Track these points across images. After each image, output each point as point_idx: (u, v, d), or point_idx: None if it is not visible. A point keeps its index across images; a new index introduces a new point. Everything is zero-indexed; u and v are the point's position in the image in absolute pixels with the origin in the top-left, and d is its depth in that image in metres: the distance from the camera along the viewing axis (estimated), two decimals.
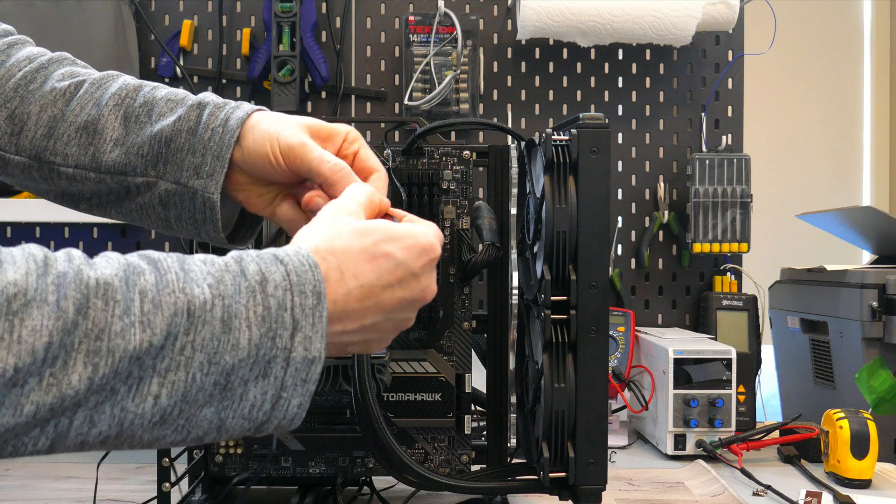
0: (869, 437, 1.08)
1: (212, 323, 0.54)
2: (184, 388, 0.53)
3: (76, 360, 0.49)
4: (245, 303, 0.55)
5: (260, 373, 0.55)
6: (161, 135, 0.75)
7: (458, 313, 0.95)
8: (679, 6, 1.46)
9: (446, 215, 0.95)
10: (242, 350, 0.55)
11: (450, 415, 0.95)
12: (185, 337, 0.53)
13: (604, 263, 0.79)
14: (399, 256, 0.62)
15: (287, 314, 0.56)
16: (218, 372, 0.54)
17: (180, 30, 1.55)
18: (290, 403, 0.57)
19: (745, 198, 1.52)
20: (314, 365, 0.57)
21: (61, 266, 0.50)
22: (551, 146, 0.80)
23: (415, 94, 1.51)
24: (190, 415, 0.54)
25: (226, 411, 0.55)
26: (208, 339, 0.53)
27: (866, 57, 2.61)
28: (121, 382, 0.51)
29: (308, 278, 0.57)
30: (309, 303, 0.57)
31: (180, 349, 0.52)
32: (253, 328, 0.55)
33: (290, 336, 0.56)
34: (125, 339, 0.50)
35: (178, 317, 0.52)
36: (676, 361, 1.24)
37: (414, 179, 0.94)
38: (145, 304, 0.52)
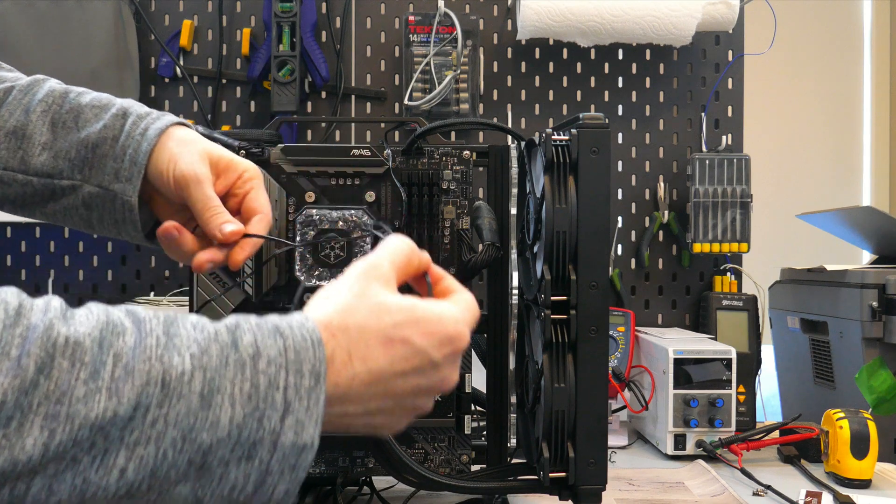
0: (869, 437, 1.08)
1: (188, 397, 0.50)
2: (153, 463, 0.49)
3: (33, 422, 0.46)
4: (231, 378, 0.51)
5: (243, 454, 0.51)
6: (88, 141, 0.79)
7: None
8: (679, 6, 1.46)
9: (446, 215, 0.95)
10: (223, 429, 0.50)
11: (450, 415, 0.95)
12: (158, 410, 0.49)
13: (604, 263, 0.79)
14: (418, 344, 0.56)
15: (279, 394, 0.52)
16: (193, 450, 0.50)
17: (180, 30, 1.55)
18: (276, 489, 0.53)
19: (745, 198, 1.52)
20: (305, 452, 0.53)
21: (34, 318, 0.47)
22: (551, 146, 0.80)
23: (415, 94, 1.51)
24: (162, 491, 0.50)
25: (203, 490, 0.51)
26: (183, 414, 0.49)
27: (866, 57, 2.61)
28: (83, 452, 0.47)
29: (308, 356, 0.53)
30: (305, 384, 0.52)
31: (151, 422, 0.48)
32: (237, 406, 0.51)
33: (280, 419, 0.52)
34: (87, 405, 0.47)
35: (150, 387, 0.49)
36: (676, 361, 1.24)
37: (414, 179, 0.94)
38: (117, 369, 0.48)
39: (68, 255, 1.56)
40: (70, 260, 1.56)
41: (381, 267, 0.59)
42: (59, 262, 1.56)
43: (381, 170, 0.94)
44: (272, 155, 0.94)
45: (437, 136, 0.96)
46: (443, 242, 0.94)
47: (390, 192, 0.94)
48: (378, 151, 0.94)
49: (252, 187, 0.80)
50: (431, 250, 0.93)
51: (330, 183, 0.94)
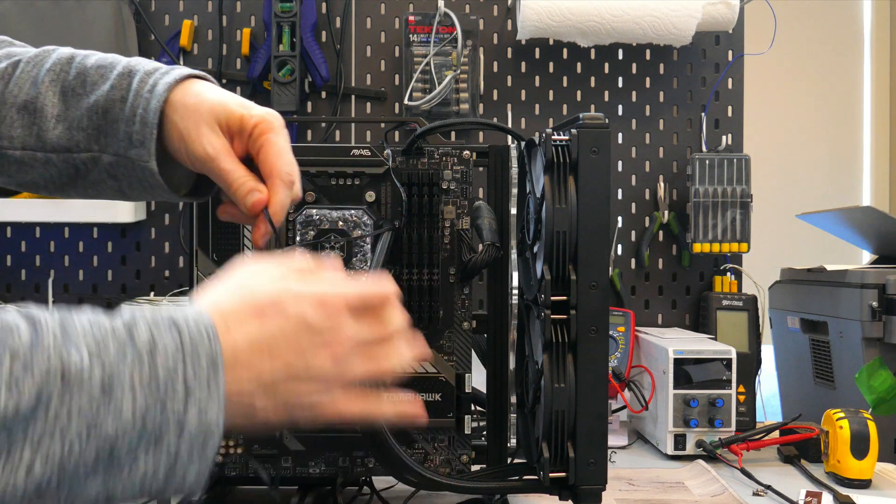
0: (869, 437, 1.08)
1: (89, 389, 0.50)
2: (60, 457, 0.49)
3: None
4: (130, 370, 0.52)
5: (150, 441, 0.52)
6: (97, 106, 0.74)
7: (458, 313, 0.95)
8: (679, 6, 1.46)
9: (446, 215, 0.95)
10: (126, 418, 0.51)
11: (450, 415, 0.95)
12: (60, 403, 0.49)
13: (604, 263, 0.79)
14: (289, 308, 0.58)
15: (179, 382, 0.53)
16: (100, 441, 0.50)
17: (180, 30, 1.55)
18: (187, 475, 0.53)
19: (745, 198, 1.52)
20: (211, 435, 0.54)
21: None
22: (551, 146, 0.80)
23: (415, 94, 1.51)
24: (72, 487, 0.50)
25: (114, 482, 0.51)
26: (86, 405, 0.50)
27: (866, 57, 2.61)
28: None
29: (204, 345, 0.54)
30: (203, 372, 0.53)
31: (54, 415, 0.49)
32: (138, 395, 0.51)
33: (183, 403, 0.53)
34: None
35: (50, 381, 0.49)
36: (676, 361, 1.23)
37: (414, 179, 0.94)
38: (16, 366, 0.48)
39: (68, 255, 1.56)
40: (70, 260, 1.56)
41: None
42: (59, 262, 1.56)
43: (381, 170, 0.94)
44: None
45: (437, 136, 0.96)
46: (443, 242, 0.94)
47: (390, 192, 0.94)
48: (378, 151, 0.94)
49: (262, 144, 0.73)
50: (431, 250, 0.93)
51: (330, 183, 0.94)
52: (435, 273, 0.93)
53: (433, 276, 0.93)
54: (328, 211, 0.90)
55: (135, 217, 1.50)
